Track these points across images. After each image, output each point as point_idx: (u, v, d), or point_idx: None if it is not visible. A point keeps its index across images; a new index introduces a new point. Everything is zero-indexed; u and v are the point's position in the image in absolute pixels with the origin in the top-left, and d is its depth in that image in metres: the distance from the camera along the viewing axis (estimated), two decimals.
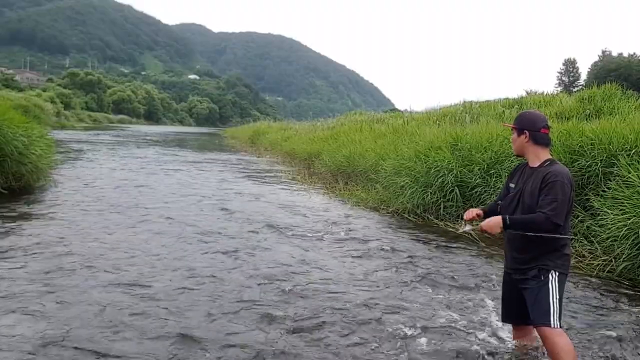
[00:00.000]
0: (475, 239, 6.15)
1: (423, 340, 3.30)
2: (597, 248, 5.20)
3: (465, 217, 3.03)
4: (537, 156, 2.87)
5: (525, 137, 2.88)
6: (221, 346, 3.07)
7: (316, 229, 6.62)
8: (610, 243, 4.93)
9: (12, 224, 5.93)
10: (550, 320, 2.69)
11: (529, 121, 2.90)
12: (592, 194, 5.68)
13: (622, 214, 4.88)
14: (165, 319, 3.41)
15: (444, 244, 6.08)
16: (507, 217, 2.76)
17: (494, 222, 2.76)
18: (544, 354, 2.95)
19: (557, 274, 2.75)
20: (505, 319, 3.20)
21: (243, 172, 14.36)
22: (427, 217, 7.46)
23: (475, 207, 4.07)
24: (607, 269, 4.88)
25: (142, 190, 9.42)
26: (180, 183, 10.83)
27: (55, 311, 3.45)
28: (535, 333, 2.92)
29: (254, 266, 4.79)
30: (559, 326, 2.71)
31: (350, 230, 6.63)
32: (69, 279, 4.13)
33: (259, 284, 4.26)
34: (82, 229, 5.89)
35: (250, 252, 5.29)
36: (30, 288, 3.85)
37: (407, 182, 7.91)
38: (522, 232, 2.71)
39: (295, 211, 7.95)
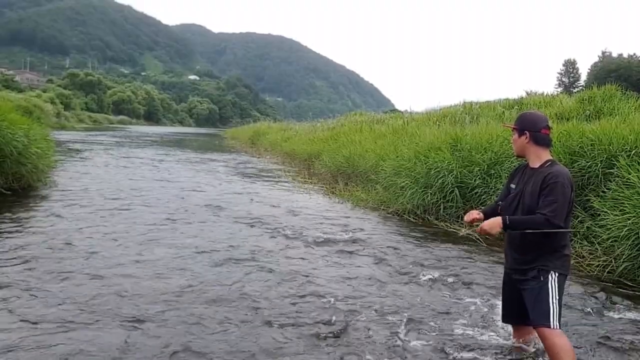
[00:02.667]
0: (477, 239, 6.15)
1: (422, 340, 3.30)
2: (597, 249, 5.19)
3: (465, 220, 3.03)
4: (538, 157, 2.87)
5: (526, 137, 2.87)
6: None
7: (315, 229, 6.62)
8: (611, 244, 4.93)
9: (12, 223, 5.93)
10: (549, 321, 2.69)
11: (529, 122, 2.90)
12: (592, 194, 5.68)
13: (622, 215, 4.88)
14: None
15: (443, 244, 6.08)
16: (507, 217, 2.76)
17: (494, 223, 2.77)
18: (543, 354, 2.95)
19: (556, 274, 2.76)
20: (505, 319, 3.20)
21: (243, 172, 14.36)
22: (427, 218, 7.46)
23: (476, 208, 4.08)
24: (608, 269, 4.88)
25: (140, 189, 9.40)
26: (179, 183, 10.82)
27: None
28: (535, 334, 2.92)
29: (256, 266, 4.80)
30: (558, 327, 2.71)
31: (350, 231, 6.63)
32: (67, 276, 4.14)
33: (258, 283, 4.27)
34: (81, 228, 5.88)
35: (250, 253, 5.29)
36: (28, 287, 3.86)
37: (407, 183, 7.91)
38: (521, 230, 2.73)
39: (295, 211, 7.95)
